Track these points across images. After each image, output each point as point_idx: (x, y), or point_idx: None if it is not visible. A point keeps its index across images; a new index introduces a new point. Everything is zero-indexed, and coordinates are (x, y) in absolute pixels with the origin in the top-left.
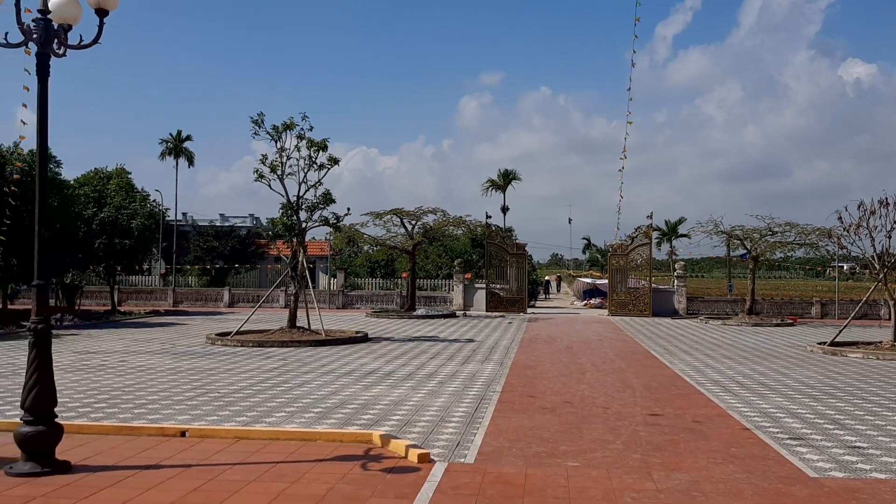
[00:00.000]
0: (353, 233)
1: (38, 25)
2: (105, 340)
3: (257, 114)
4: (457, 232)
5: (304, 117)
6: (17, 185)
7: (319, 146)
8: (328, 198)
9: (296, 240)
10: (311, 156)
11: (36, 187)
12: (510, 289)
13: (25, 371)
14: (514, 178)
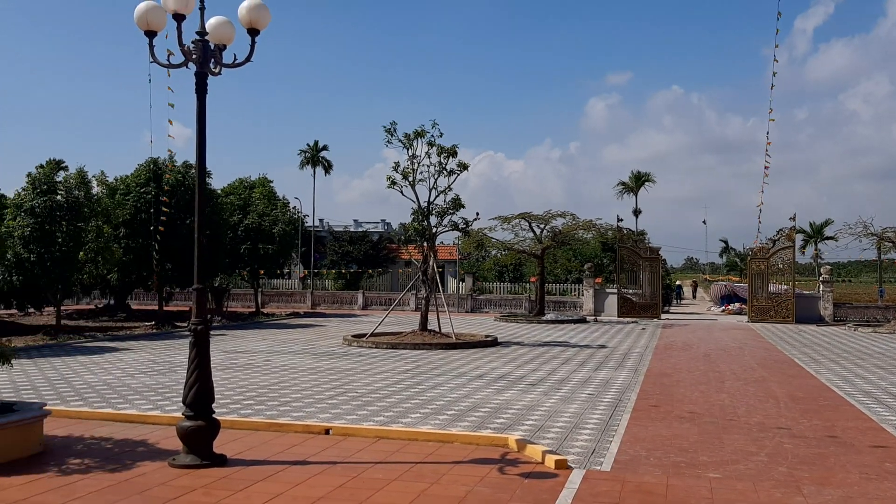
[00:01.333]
0: (482, 237)
1: (196, 46)
2: (250, 340)
3: (390, 123)
4: (586, 236)
5: (433, 124)
6: (169, 194)
7: (449, 152)
8: (457, 203)
9: (426, 244)
10: (441, 162)
11: (196, 199)
12: (643, 294)
13: (187, 369)
14: (647, 181)
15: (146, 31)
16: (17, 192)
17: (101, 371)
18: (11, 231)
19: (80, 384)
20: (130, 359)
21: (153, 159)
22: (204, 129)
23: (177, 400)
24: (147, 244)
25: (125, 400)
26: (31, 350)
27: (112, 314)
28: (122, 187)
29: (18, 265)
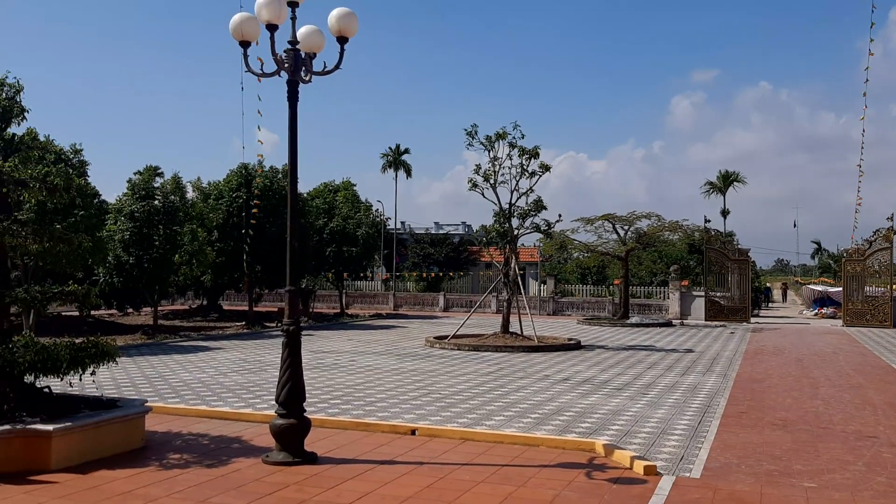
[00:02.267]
0: (564, 239)
1: (288, 55)
2: (336, 341)
3: (471, 125)
4: (672, 237)
5: (515, 126)
6: (259, 198)
7: (531, 154)
8: (539, 205)
9: (508, 246)
10: (523, 163)
11: (288, 204)
12: (731, 297)
13: (279, 368)
14: (736, 180)
15: (241, 41)
16: (118, 198)
17: (195, 369)
18: (112, 234)
19: (177, 382)
20: (223, 358)
21: (244, 165)
22: (296, 136)
23: (267, 398)
24: (238, 247)
25: (219, 398)
26: (130, 349)
27: (205, 314)
28: (214, 192)
29: (119, 267)
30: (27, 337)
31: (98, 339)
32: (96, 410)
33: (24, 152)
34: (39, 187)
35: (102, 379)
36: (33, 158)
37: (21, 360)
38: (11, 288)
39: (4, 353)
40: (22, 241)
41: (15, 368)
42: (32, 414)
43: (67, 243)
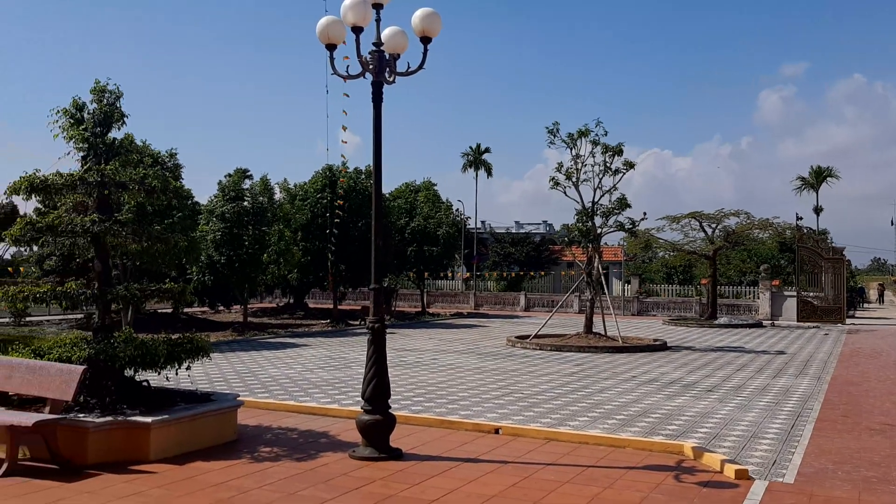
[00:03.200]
0: (649, 238)
1: (373, 57)
2: (417, 339)
3: (552, 123)
4: (762, 235)
5: (597, 123)
6: (343, 199)
7: (614, 151)
8: (623, 203)
9: (591, 245)
10: (606, 161)
11: (373, 204)
12: (825, 297)
13: (364, 365)
14: (829, 176)
15: (327, 44)
16: (210, 199)
17: (283, 366)
18: (205, 235)
19: (266, 377)
20: (309, 354)
21: (328, 166)
22: (380, 137)
23: (352, 394)
24: (323, 246)
25: (305, 393)
26: (221, 345)
27: (291, 312)
28: (300, 193)
29: (210, 266)
30: (127, 332)
31: (193, 335)
32: (192, 404)
33: (123, 156)
34: (138, 189)
35: (195, 373)
36: (133, 162)
37: (122, 355)
38: (113, 286)
39: (107, 348)
40: (122, 241)
41: (116, 363)
42: (132, 406)
43: (164, 243)
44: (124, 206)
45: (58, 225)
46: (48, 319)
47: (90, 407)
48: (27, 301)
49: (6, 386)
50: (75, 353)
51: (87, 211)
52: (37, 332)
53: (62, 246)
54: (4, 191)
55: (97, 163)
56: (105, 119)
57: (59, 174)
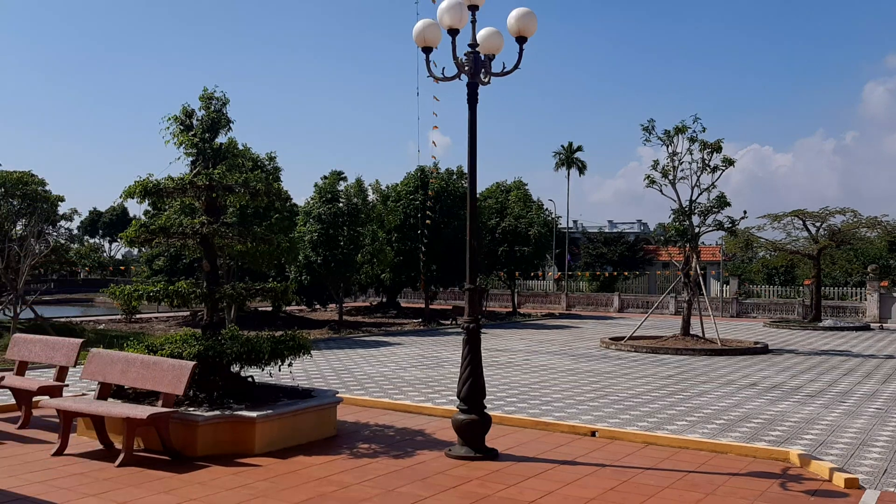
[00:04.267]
0: (749, 237)
1: (468, 58)
2: (509, 339)
3: (648, 120)
4: (870, 234)
5: (695, 119)
6: (434, 199)
7: (713, 148)
8: (723, 201)
9: (688, 245)
10: (704, 158)
11: (468, 205)
12: None
13: (459, 365)
14: None
15: (423, 47)
16: (307, 201)
17: (377, 363)
18: (302, 236)
19: (361, 375)
20: (402, 353)
21: (420, 168)
22: (475, 138)
23: (446, 393)
24: (415, 247)
25: (400, 391)
26: (318, 342)
27: (384, 311)
28: (392, 194)
29: (308, 266)
30: (232, 330)
31: (295, 333)
32: (293, 400)
33: (229, 160)
34: (243, 192)
35: (294, 370)
36: (238, 166)
37: (229, 352)
38: (220, 285)
39: (215, 345)
40: (229, 242)
41: (223, 359)
42: (238, 401)
43: (268, 244)
44: (227, 209)
45: (170, 227)
46: (156, 317)
47: (199, 401)
48: (142, 299)
49: (122, 380)
50: (186, 350)
51: (195, 213)
52: (147, 329)
53: (171, 247)
54: (120, 194)
55: (205, 167)
56: (212, 125)
57: (170, 178)
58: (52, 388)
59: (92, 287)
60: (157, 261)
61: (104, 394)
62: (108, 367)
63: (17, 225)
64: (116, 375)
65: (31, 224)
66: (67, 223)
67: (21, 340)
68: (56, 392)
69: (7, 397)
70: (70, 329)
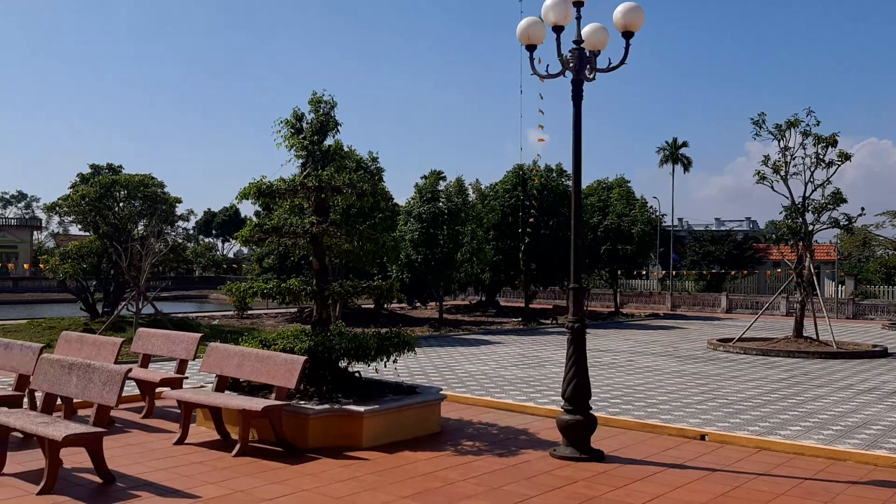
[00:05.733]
0: (867, 235)
1: (573, 55)
2: (611, 340)
3: (757, 114)
4: None
5: (808, 112)
6: (534, 198)
7: (828, 142)
8: (838, 197)
9: (801, 243)
10: (819, 153)
11: (572, 204)
12: None
13: (563, 365)
14: None
15: (527, 45)
16: (408, 201)
17: (478, 361)
18: (403, 235)
19: (462, 372)
20: (502, 351)
21: (519, 166)
22: (580, 135)
23: (547, 393)
24: (514, 245)
25: (501, 390)
26: (419, 340)
27: (484, 310)
28: (491, 193)
29: (409, 265)
30: (340, 326)
31: (399, 330)
32: (398, 395)
33: (337, 161)
34: (350, 192)
35: (397, 367)
36: (346, 168)
37: (337, 347)
38: (329, 283)
39: (324, 341)
40: (337, 241)
41: (332, 354)
42: (346, 396)
43: (374, 243)
44: (332, 209)
45: (282, 227)
46: (266, 313)
47: (309, 395)
48: (255, 296)
49: (238, 373)
50: (297, 345)
51: (303, 214)
52: (257, 325)
53: (282, 246)
54: (236, 196)
55: (314, 169)
56: (321, 128)
57: (282, 180)
58: (173, 379)
59: (206, 284)
60: (266, 259)
61: (221, 386)
62: (225, 360)
63: (138, 225)
64: (233, 369)
65: (151, 224)
66: (184, 223)
67: (144, 335)
68: (177, 384)
69: (132, 388)
70: (187, 324)
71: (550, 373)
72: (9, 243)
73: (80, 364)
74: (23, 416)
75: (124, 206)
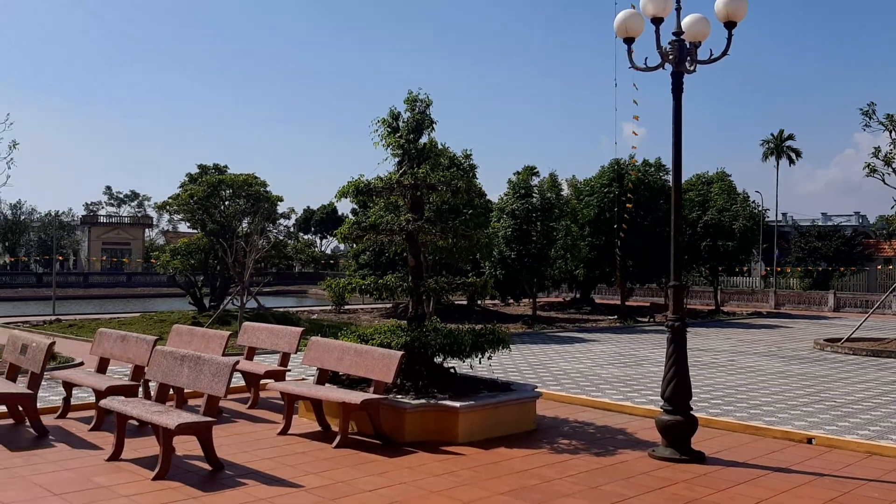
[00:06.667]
0: None
1: (672, 47)
2: (711, 339)
3: (867, 104)
4: None
5: None
6: (631, 192)
7: None
8: None
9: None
10: None
11: (672, 200)
12: None
13: (663, 364)
14: None
15: (624, 38)
16: (501, 197)
17: (573, 359)
18: (496, 231)
19: (556, 370)
20: (598, 350)
21: (616, 160)
22: (680, 128)
23: (645, 392)
24: (610, 242)
25: (597, 388)
26: (512, 337)
27: (578, 307)
28: (586, 189)
29: (502, 261)
30: (435, 322)
31: (494, 326)
32: (493, 392)
33: (432, 159)
34: (445, 190)
35: (491, 363)
36: (440, 165)
37: (433, 343)
38: (424, 279)
39: (420, 336)
40: (432, 238)
41: (428, 350)
42: (441, 391)
43: (468, 239)
44: (425, 206)
45: (378, 224)
46: (362, 308)
47: (406, 389)
48: (354, 292)
49: (338, 366)
50: (394, 340)
51: (398, 211)
52: (354, 319)
53: (377, 243)
54: (335, 194)
55: (410, 167)
56: (417, 126)
57: (379, 178)
58: (276, 372)
59: (305, 280)
60: (362, 255)
61: (322, 379)
62: (326, 354)
63: (242, 223)
64: (332, 362)
65: (254, 222)
66: (285, 221)
67: (250, 328)
68: (280, 376)
69: (238, 379)
70: (288, 318)
71: (648, 372)
72: (123, 240)
73: (191, 356)
74: (139, 404)
75: (229, 204)
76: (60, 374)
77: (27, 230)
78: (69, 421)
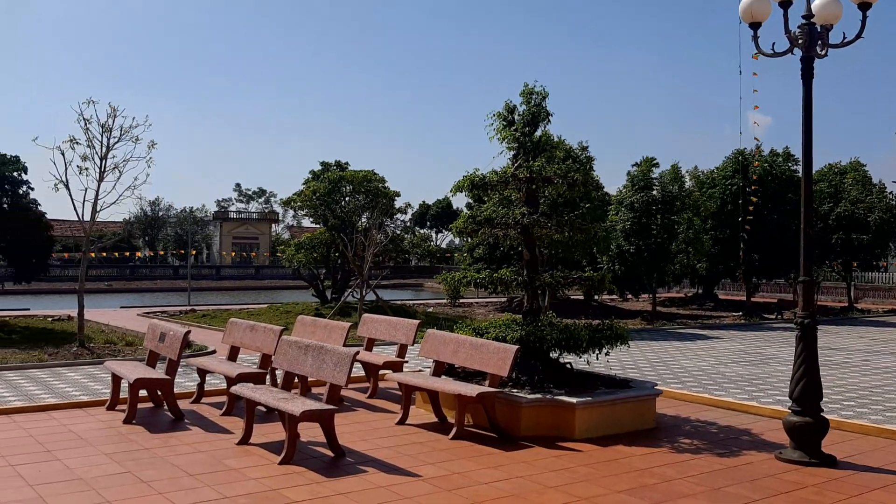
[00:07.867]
0: None
1: (802, 31)
2: (844, 337)
3: None
4: None
5: None
6: (756, 184)
7: None
8: None
9: None
10: None
11: (801, 189)
12: None
13: (792, 363)
14: None
15: (750, 23)
16: (619, 190)
17: (694, 357)
18: (614, 225)
19: (678, 368)
20: (721, 347)
21: (740, 151)
22: (810, 116)
23: (771, 392)
24: (734, 235)
25: (720, 387)
26: (631, 333)
27: (700, 303)
28: (708, 180)
29: (620, 256)
30: (550, 317)
31: (612, 322)
32: (611, 389)
33: (547, 152)
34: (561, 183)
35: (609, 359)
36: (556, 158)
37: (549, 338)
38: (539, 273)
39: (535, 331)
40: (547, 232)
41: (544, 344)
42: (557, 386)
43: (584, 233)
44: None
45: (493, 218)
46: (476, 301)
47: (521, 383)
48: (469, 285)
49: (453, 359)
50: (509, 334)
51: (512, 205)
52: (468, 313)
53: (492, 237)
54: (450, 188)
55: (525, 160)
56: (532, 119)
57: (494, 172)
58: (394, 363)
59: (421, 273)
60: (477, 249)
61: (438, 371)
62: (442, 346)
63: (362, 218)
64: (448, 355)
65: (373, 217)
66: (402, 216)
67: (369, 320)
68: (397, 367)
69: (357, 370)
70: (405, 310)
71: (775, 371)
72: (251, 235)
73: (315, 346)
74: (266, 392)
75: (350, 200)
76: (195, 362)
77: (165, 226)
78: (203, 406)
